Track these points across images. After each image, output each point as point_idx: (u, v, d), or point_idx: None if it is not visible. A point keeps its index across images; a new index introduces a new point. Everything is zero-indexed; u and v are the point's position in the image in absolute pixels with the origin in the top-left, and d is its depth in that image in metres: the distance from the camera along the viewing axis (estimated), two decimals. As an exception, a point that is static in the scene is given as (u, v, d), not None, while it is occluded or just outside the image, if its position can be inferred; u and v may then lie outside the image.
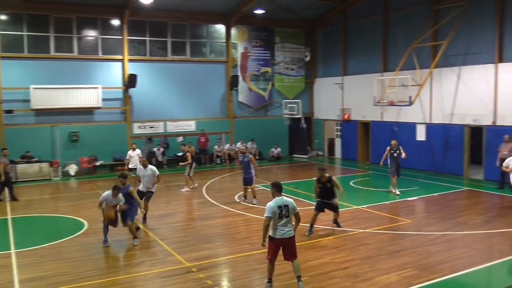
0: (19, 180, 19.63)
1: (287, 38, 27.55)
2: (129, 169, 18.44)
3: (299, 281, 8.01)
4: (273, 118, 27.40)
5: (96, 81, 22.30)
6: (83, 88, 21.87)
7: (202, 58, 25.21)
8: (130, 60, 23.13)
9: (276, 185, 8.19)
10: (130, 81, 22.57)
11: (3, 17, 20.93)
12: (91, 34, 22.59)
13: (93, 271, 9.27)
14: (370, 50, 24.32)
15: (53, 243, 11.16)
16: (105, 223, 10.87)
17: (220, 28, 25.64)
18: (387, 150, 16.35)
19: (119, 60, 22.99)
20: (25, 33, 21.07)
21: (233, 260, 9.89)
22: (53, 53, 21.62)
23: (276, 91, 27.52)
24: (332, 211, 11.86)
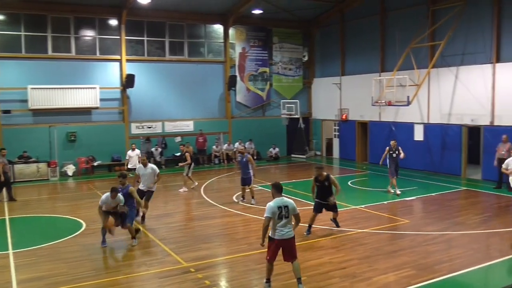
0: (17, 181, 19.58)
1: (285, 38, 27.56)
2: (129, 169, 18.47)
3: (300, 283, 7.97)
4: (271, 118, 27.41)
5: (94, 81, 22.28)
6: (81, 88, 21.85)
7: (200, 58, 25.20)
8: (128, 60, 23.11)
9: (276, 186, 8.17)
10: (128, 81, 22.55)
11: (1, 17, 20.89)
12: (89, 34, 22.56)
13: (91, 272, 9.26)
14: (368, 50, 24.35)
15: (51, 244, 11.14)
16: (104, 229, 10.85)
17: (218, 28, 25.63)
18: (386, 151, 16.37)
19: (117, 60, 22.96)
20: (23, 33, 21.03)
21: (231, 260, 9.88)
22: (51, 53, 21.59)
23: (274, 91, 27.53)
24: (331, 211, 11.80)
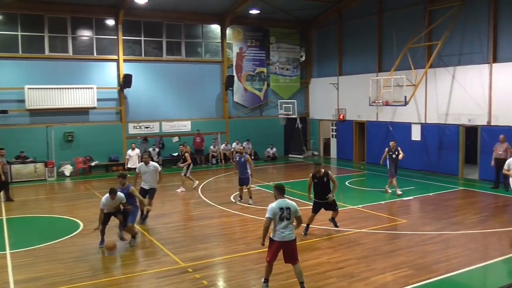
0: (14, 181, 19.53)
1: (282, 38, 27.56)
2: (129, 169, 18.49)
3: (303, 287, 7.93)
4: (269, 118, 27.41)
5: (91, 81, 22.24)
6: (78, 88, 21.79)
7: (197, 58, 25.18)
8: (125, 60, 23.07)
9: (279, 188, 8.10)
10: (125, 81, 22.52)
11: (-3, 17, 20.90)
12: (86, 34, 22.52)
13: (89, 272, 9.24)
14: (365, 50, 24.38)
15: (49, 244, 11.12)
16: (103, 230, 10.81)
17: (215, 28, 25.62)
18: (386, 151, 16.34)
19: (114, 60, 22.93)
20: (20, 33, 20.97)
21: (229, 260, 9.88)
22: (48, 53, 21.54)
23: (272, 91, 27.54)
24: (331, 210, 11.66)
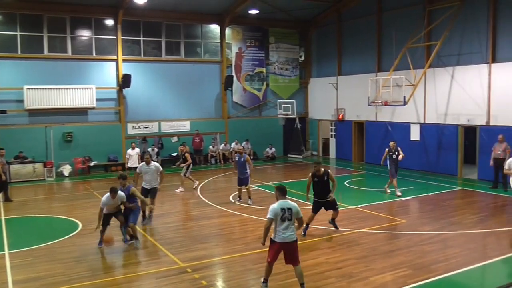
0: (13, 181, 19.51)
1: (281, 38, 27.56)
2: (129, 168, 18.52)
3: None
4: (268, 118, 27.42)
5: (90, 81, 22.23)
6: (77, 88, 21.78)
7: (197, 58, 25.18)
8: (124, 60, 23.06)
9: (281, 189, 8.07)
10: (124, 81, 22.51)
11: (-4, 17, 20.89)
12: (85, 34, 22.51)
13: (88, 272, 9.24)
14: (364, 50, 24.38)
15: (48, 244, 11.11)
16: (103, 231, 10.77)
17: (214, 28, 25.62)
18: (386, 152, 16.33)
19: (113, 60, 22.92)
20: (19, 33, 20.95)
21: (228, 260, 9.88)
22: (47, 53, 21.53)
23: (271, 91, 27.54)
24: (331, 209, 11.60)
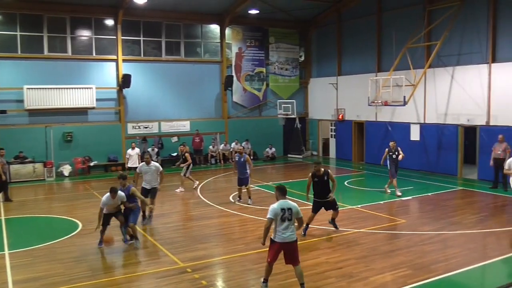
0: (13, 181, 19.51)
1: (281, 38, 27.56)
2: (129, 168, 18.51)
3: None
4: (268, 118, 27.42)
5: (90, 81, 22.23)
6: (77, 88, 21.78)
7: (197, 58, 25.18)
8: (124, 60, 23.06)
9: (281, 189, 8.07)
10: (124, 81, 22.51)
11: (-4, 17, 20.88)
12: (85, 34, 22.51)
13: (88, 272, 9.24)
14: (364, 50, 24.38)
15: (48, 244, 11.11)
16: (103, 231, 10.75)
17: (214, 28, 25.62)
18: (386, 152, 16.30)
19: (113, 60, 22.92)
20: (19, 33, 20.95)
21: (228, 260, 9.88)
22: (47, 53, 21.52)
23: (271, 91, 27.54)
24: (331, 209, 11.58)
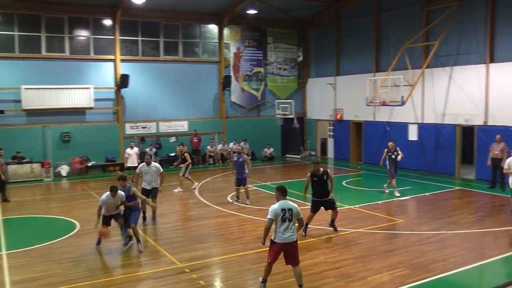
0: (10, 181, 19.41)
1: (280, 38, 27.57)
2: (128, 168, 18.49)
3: None
4: (266, 118, 27.41)
5: (88, 81, 22.19)
6: (75, 89, 21.75)
7: (195, 58, 25.16)
8: (122, 60, 23.03)
9: (281, 189, 8.07)
10: (122, 81, 22.48)
11: (-6, 17, 20.83)
12: (83, 34, 22.47)
13: (86, 272, 9.23)
14: (363, 50, 24.39)
15: (45, 244, 11.09)
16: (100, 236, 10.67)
17: (213, 28, 25.60)
18: (385, 152, 16.26)
19: (111, 60, 22.88)
20: (16, 33, 20.91)
21: (226, 261, 9.88)
22: (45, 53, 21.48)
23: (269, 91, 27.53)
24: (330, 209, 11.51)
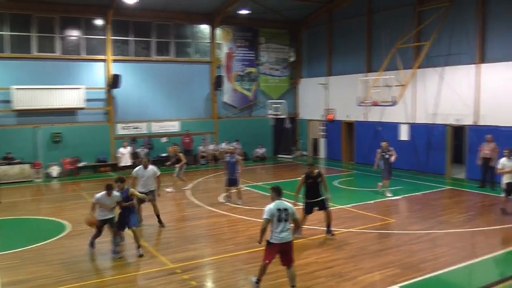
0: (1, 182, 19.32)
1: (272, 39, 27.59)
2: (121, 167, 18.42)
3: None
4: (258, 119, 27.42)
5: (79, 82, 22.06)
6: (66, 89, 21.61)
7: (187, 59, 25.11)
8: (114, 60, 22.93)
9: (276, 189, 8.08)
10: (114, 82, 22.38)
11: (-16, 17, 20.65)
12: (74, 34, 22.34)
13: (76, 274, 9.17)
14: (355, 51, 24.45)
15: (36, 246, 11.02)
16: (94, 231, 10.53)
17: (205, 28, 25.57)
18: (379, 153, 16.22)
19: (103, 60, 22.77)
20: (7, 33, 20.75)
21: (218, 261, 9.87)
22: (36, 53, 21.34)
23: (261, 92, 27.54)
24: (323, 210, 11.33)
